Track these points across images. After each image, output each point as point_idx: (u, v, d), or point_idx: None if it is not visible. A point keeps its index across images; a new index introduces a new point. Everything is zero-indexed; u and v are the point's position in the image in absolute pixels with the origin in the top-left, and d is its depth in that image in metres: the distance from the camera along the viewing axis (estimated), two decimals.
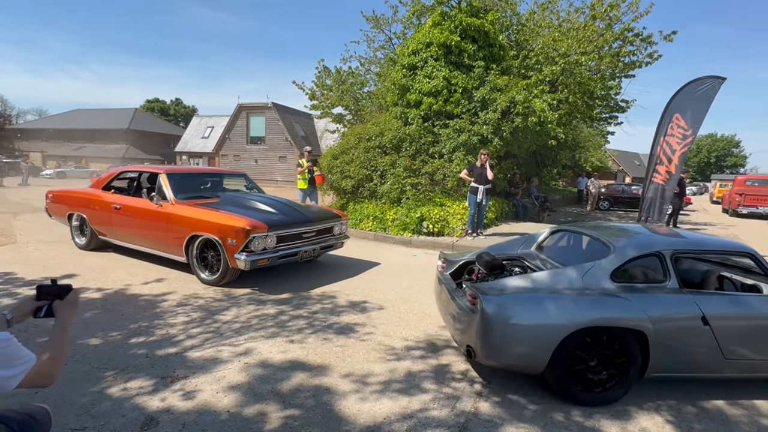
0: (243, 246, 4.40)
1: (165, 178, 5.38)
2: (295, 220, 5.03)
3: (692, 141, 7.57)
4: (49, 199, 6.78)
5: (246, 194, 5.99)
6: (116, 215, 5.64)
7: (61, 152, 42.73)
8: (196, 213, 4.83)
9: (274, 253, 4.65)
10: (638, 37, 11.53)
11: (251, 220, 4.53)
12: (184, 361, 2.95)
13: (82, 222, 6.31)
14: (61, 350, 1.51)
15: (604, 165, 33.60)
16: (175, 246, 5.00)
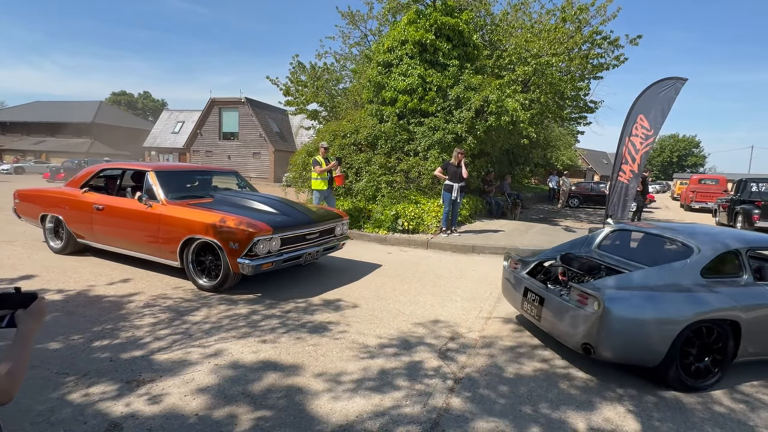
0: (246, 250, 4.15)
1: (154, 176, 5.00)
2: (299, 222, 4.78)
3: (654, 141, 7.88)
4: (18, 199, 6.28)
5: (241, 193, 5.65)
6: (98, 217, 5.21)
7: (19, 146, 40.54)
8: (192, 214, 4.51)
9: (279, 256, 4.41)
10: (606, 40, 11.90)
11: (255, 222, 4.27)
12: (150, 364, 2.86)
13: (57, 224, 5.87)
14: (22, 365, 1.39)
15: (574, 163, 34.62)
16: (167, 250, 4.66)
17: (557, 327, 3.07)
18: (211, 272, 4.50)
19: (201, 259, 4.57)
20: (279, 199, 5.42)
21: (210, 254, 4.49)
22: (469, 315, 4.14)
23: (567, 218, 13.93)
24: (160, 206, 4.76)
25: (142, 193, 4.94)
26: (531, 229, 9.43)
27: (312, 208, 5.74)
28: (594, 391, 2.79)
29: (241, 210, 4.71)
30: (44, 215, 5.88)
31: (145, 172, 5.17)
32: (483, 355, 3.26)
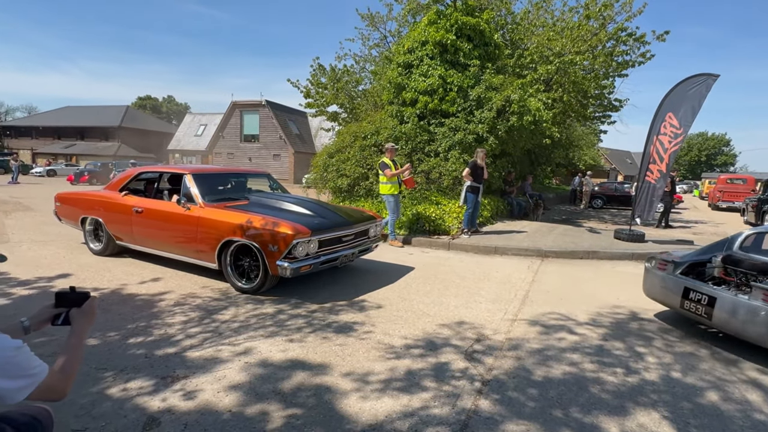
0: (286, 252, 4.13)
1: (191, 179, 5.03)
2: (336, 224, 4.75)
3: (683, 140, 7.66)
4: (59, 202, 6.41)
5: (275, 195, 5.65)
6: (137, 219, 5.26)
7: (51, 150, 42.22)
8: (231, 217, 4.50)
9: (316, 258, 4.40)
10: (631, 36, 11.63)
11: (294, 224, 4.24)
12: (183, 361, 2.95)
13: (96, 226, 5.97)
14: (75, 363, 1.45)
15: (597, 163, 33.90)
16: (205, 252, 4.68)
17: (741, 326, 3.22)
18: (249, 274, 4.52)
19: (239, 261, 4.58)
20: (313, 201, 5.43)
21: (248, 257, 4.50)
22: (494, 317, 4.10)
23: (590, 219, 13.64)
24: (198, 209, 4.78)
25: (180, 195, 5.00)
26: (554, 231, 9.28)
27: (347, 209, 5.68)
28: (626, 396, 2.73)
29: (278, 212, 4.71)
30: (84, 218, 5.99)
31: (182, 175, 5.21)
32: (510, 358, 3.23)
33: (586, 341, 3.59)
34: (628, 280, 5.77)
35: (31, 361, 1.31)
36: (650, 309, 4.51)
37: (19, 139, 45.65)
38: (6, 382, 1.24)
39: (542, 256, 7.00)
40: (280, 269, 4.14)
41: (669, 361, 3.28)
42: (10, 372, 1.25)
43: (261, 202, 5.12)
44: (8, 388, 1.25)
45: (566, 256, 7.02)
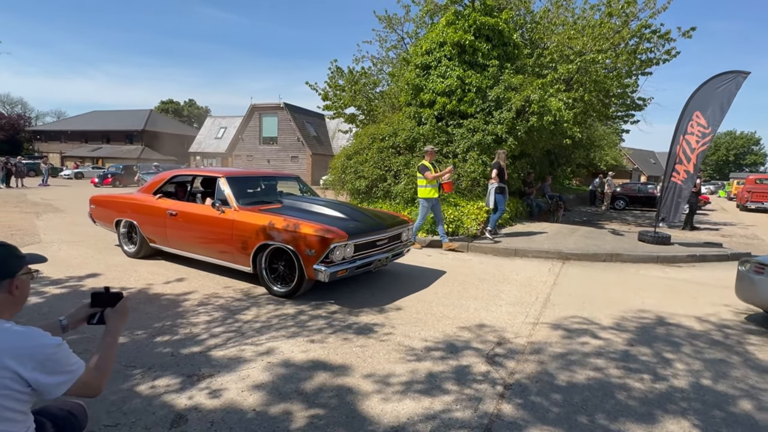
0: (323, 256, 4.08)
1: (225, 182, 5.00)
2: (371, 227, 4.68)
3: (711, 139, 7.43)
4: (93, 205, 6.46)
5: (307, 198, 5.58)
6: (171, 222, 5.25)
7: (78, 153, 43.69)
8: (266, 220, 4.46)
9: (352, 263, 4.33)
10: (656, 33, 11.33)
11: (331, 228, 4.19)
12: (208, 360, 3.01)
13: (130, 229, 6.02)
14: (109, 361, 1.51)
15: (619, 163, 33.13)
16: (240, 256, 4.65)
17: None
18: (285, 278, 4.48)
19: (273, 265, 4.54)
20: (345, 204, 5.39)
21: (283, 260, 4.46)
22: (515, 320, 4.06)
23: (612, 221, 13.34)
24: (233, 212, 4.75)
25: (214, 199, 4.98)
26: (575, 233, 9.11)
27: (380, 213, 5.57)
28: (654, 403, 2.66)
29: (314, 216, 4.67)
30: (119, 220, 6.05)
31: (216, 178, 5.20)
32: (532, 362, 3.19)
33: (610, 346, 3.52)
34: (654, 283, 5.62)
35: (69, 358, 1.36)
36: (677, 314, 4.38)
37: (48, 143, 47.41)
38: (47, 377, 1.30)
39: (563, 258, 6.88)
40: (316, 273, 4.09)
41: (699, 367, 3.19)
42: (50, 368, 1.30)
43: (294, 206, 5.10)
44: (48, 383, 1.30)
45: (588, 259, 6.89)
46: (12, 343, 1.27)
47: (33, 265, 1.49)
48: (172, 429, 2.24)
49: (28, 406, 1.36)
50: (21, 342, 1.28)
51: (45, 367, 1.29)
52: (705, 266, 6.85)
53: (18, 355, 1.26)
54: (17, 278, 1.38)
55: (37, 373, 1.28)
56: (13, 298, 1.38)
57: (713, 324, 4.13)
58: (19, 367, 1.25)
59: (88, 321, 1.70)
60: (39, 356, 1.28)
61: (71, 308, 3.91)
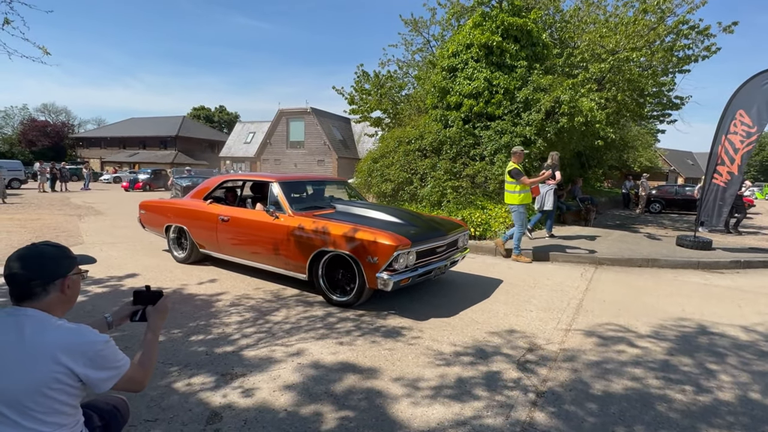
0: (386, 264, 3.91)
1: (279, 187, 4.89)
2: (431, 234, 4.49)
3: (757, 139, 7.04)
4: (143, 210, 6.42)
5: (358, 203, 5.40)
6: (223, 228, 5.17)
7: (117, 158, 45.76)
8: (324, 226, 4.30)
9: (414, 271, 4.15)
10: (694, 29, 10.85)
11: (395, 235, 4.00)
12: (241, 360, 3.08)
13: (180, 234, 5.98)
14: (152, 357, 1.57)
15: (654, 165, 31.85)
16: (295, 263, 4.51)
17: None
18: (343, 287, 4.34)
19: (330, 273, 4.41)
20: (400, 209, 5.25)
21: (341, 268, 4.31)
22: (546, 326, 3.96)
23: (648, 225, 12.82)
24: (287, 218, 4.63)
25: (267, 204, 4.90)
26: (608, 236, 8.81)
27: (437, 219, 5.34)
28: (697, 416, 2.54)
29: (371, 221, 4.50)
30: (169, 226, 6.01)
31: (267, 183, 5.14)
32: (565, 369, 3.10)
33: (648, 355, 3.38)
34: (695, 290, 5.37)
35: (116, 354, 1.43)
36: (721, 323, 4.17)
37: (89, 148, 49.91)
38: (96, 372, 1.36)
39: (596, 263, 6.67)
40: (379, 282, 3.92)
41: (746, 380, 3.02)
42: (99, 363, 1.37)
43: (348, 211, 4.95)
44: (98, 378, 1.37)
45: (623, 264, 6.65)
46: (65, 340, 1.33)
47: (83, 265, 1.57)
48: (207, 426, 2.30)
49: (78, 400, 1.42)
50: (73, 339, 1.35)
51: (94, 362, 1.35)
52: (750, 273, 6.49)
53: (70, 351, 1.32)
54: (69, 278, 1.45)
55: (87, 368, 1.34)
56: (65, 296, 1.45)
57: (761, 334, 3.91)
58: (71, 363, 1.31)
59: (131, 318, 1.78)
60: (89, 352, 1.35)
61: (112, 306, 4.10)
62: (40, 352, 1.29)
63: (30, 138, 50.70)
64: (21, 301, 1.38)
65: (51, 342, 1.31)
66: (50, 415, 1.31)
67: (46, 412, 1.31)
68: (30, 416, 1.29)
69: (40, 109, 59.39)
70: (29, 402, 1.28)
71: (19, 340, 1.30)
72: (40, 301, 1.39)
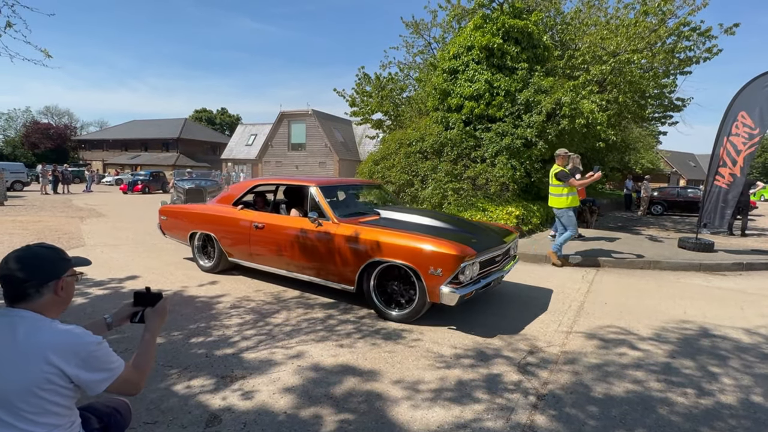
0: (452, 276, 3.61)
1: (319, 192, 4.57)
2: (491, 242, 4.21)
3: (760, 140, 7.02)
4: (164, 216, 6.03)
5: (400, 208, 5.09)
6: (257, 235, 4.84)
7: (119, 160, 45.89)
8: (376, 234, 3.98)
9: (476, 283, 3.85)
10: (695, 31, 10.88)
11: (459, 245, 3.71)
12: (240, 362, 3.08)
13: (206, 242, 5.66)
14: (148, 360, 1.56)
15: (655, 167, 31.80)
16: (342, 274, 4.22)
17: None
18: (396, 300, 4.04)
19: (382, 284, 4.10)
20: (448, 215, 4.97)
21: (396, 280, 4.00)
22: (547, 328, 3.94)
23: (650, 227, 12.80)
24: (332, 225, 4.31)
25: (308, 210, 4.58)
26: (610, 238, 8.78)
27: (491, 225, 5.07)
28: (700, 419, 2.52)
29: (426, 229, 4.20)
30: (194, 233, 5.64)
31: (305, 188, 4.81)
32: (566, 372, 3.09)
33: (650, 358, 3.36)
34: (697, 292, 5.34)
35: (110, 356, 1.42)
36: (723, 325, 4.14)
37: (92, 151, 50.06)
38: (88, 374, 1.35)
39: (597, 265, 6.65)
40: (442, 296, 3.63)
41: (748, 383, 3.00)
42: (92, 365, 1.36)
43: (394, 217, 4.61)
44: (90, 380, 1.36)
45: (624, 266, 6.63)
46: (56, 340, 1.33)
47: (78, 267, 1.57)
48: (206, 428, 2.30)
49: (73, 402, 1.42)
50: (65, 339, 1.34)
51: (87, 363, 1.34)
52: (753, 275, 6.46)
53: (62, 352, 1.31)
54: (63, 279, 1.45)
55: (79, 369, 1.33)
56: (58, 298, 1.44)
57: (763, 337, 3.88)
58: (62, 363, 1.31)
59: (131, 319, 1.78)
60: (82, 353, 1.34)
61: (112, 308, 4.09)
62: (32, 353, 1.29)
63: (33, 140, 50.94)
64: (15, 302, 1.38)
65: (43, 342, 1.31)
66: (42, 416, 1.31)
67: (38, 412, 1.30)
68: (22, 417, 1.28)
69: (43, 112, 59.66)
70: (21, 402, 1.28)
71: (11, 341, 1.30)
72: (34, 303, 1.38)
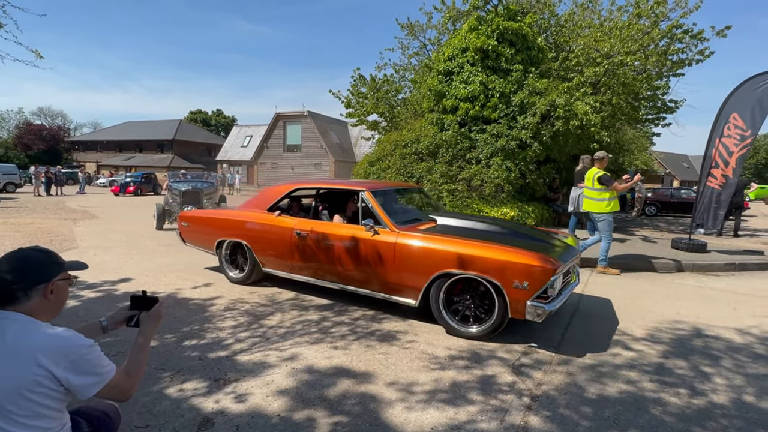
0: (540, 291, 3.36)
1: (372, 198, 4.24)
2: (568, 253, 3.95)
3: (752, 142, 7.09)
4: (186, 223, 5.57)
5: (457, 215, 4.87)
6: (300, 244, 4.46)
7: (113, 162, 45.59)
8: (446, 243, 3.69)
9: (559, 297, 3.54)
10: (688, 33, 10.95)
11: (546, 256, 3.45)
12: (234, 365, 3.06)
13: (235, 251, 5.22)
14: (140, 366, 1.54)
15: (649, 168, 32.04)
16: (405, 287, 3.89)
17: None
18: (463, 314, 3.75)
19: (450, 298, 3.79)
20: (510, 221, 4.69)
21: (466, 294, 3.73)
22: (542, 329, 3.95)
23: (643, 227, 12.87)
24: (390, 233, 3.97)
25: (361, 217, 4.23)
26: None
27: (546, 232, 4.80)
28: (692, 419, 2.53)
29: (498, 237, 4.00)
30: (222, 241, 5.19)
31: (356, 192, 4.53)
32: (560, 373, 3.09)
33: (643, 358, 3.38)
34: (690, 293, 5.38)
35: (101, 359, 1.40)
36: (715, 325, 4.17)
37: (85, 152, 49.73)
38: (78, 377, 1.33)
39: (591, 266, 6.68)
40: (529, 312, 3.34)
41: (740, 383, 3.02)
42: (82, 368, 1.34)
43: (452, 224, 4.43)
44: (79, 383, 1.34)
45: (618, 267, 6.66)
46: (46, 342, 1.31)
47: (73, 271, 1.56)
48: None
49: (63, 405, 1.40)
50: (55, 341, 1.33)
51: (77, 366, 1.33)
52: (745, 275, 6.52)
53: (52, 354, 1.30)
54: (53, 283, 1.43)
55: (69, 372, 1.32)
56: (48, 302, 1.42)
57: (755, 337, 3.91)
58: (52, 366, 1.29)
59: (127, 323, 1.76)
60: (72, 356, 1.32)
61: (105, 311, 4.07)
62: (21, 355, 1.28)
63: (26, 141, 50.54)
64: (3, 305, 1.36)
65: (33, 345, 1.29)
66: (32, 419, 1.30)
67: (28, 415, 1.29)
68: (12, 420, 1.27)
69: (36, 113, 59.21)
70: (10, 405, 1.26)
71: (0, 343, 1.29)
72: (23, 306, 1.37)
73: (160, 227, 9.64)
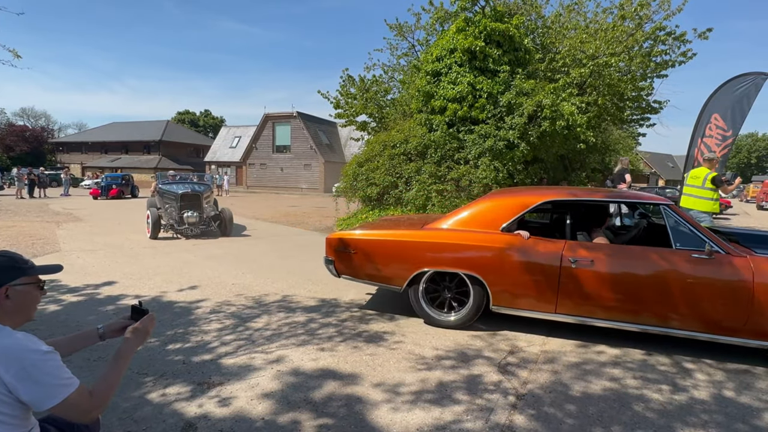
0: None
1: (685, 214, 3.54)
2: None
3: (733, 142, 7.24)
4: (345, 248, 4.12)
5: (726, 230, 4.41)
6: (578, 276, 3.46)
7: (98, 163, 44.83)
8: None
9: None
10: (671, 35, 11.16)
11: None
12: (219, 368, 3.02)
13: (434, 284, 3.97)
14: (110, 386, 1.39)
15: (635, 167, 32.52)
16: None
17: None
18: None
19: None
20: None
21: None
22: (528, 328, 3.98)
23: None
24: (744, 260, 3.20)
25: (672, 238, 3.40)
26: None
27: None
28: (673, 415, 2.57)
29: None
30: (422, 272, 3.90)
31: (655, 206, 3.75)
32: (546, 371, 3.12)
33: (627, 355, 3.42)
34: None
35: (58, 370, 1.27)
36: None
37: (70, 153, 48.80)
38: (27, 386, 1.23)
39: None
40: None
41: (720, 378, 3.07)
42: (33, 376, 1.23)
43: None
44: (29, 394, 1.23)
45: None
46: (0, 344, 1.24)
47: (46, 275, 1.50)
48: None
49: (23, 411, 1.30)
50: (8, 344, 1.25)
51: (27, 373, 1.23)
52: None
53: (2, 358, 1.22)
54: (9, 288, 1.35)
55: (18, 379, 1.22)
56: (5, 306, 1.34)
57: None
58: (0, 370, 1.21)
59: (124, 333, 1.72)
60: (24, 360, 1.23)
61: (87, 315, 3.99)
62: None
63: (8, 143, 49.38)
64: None
65: None
66: None
67: None
68: None
69: (19, 114, 57.97)
70: None
71: None
72: None
73: (154, 236, 8.65)
